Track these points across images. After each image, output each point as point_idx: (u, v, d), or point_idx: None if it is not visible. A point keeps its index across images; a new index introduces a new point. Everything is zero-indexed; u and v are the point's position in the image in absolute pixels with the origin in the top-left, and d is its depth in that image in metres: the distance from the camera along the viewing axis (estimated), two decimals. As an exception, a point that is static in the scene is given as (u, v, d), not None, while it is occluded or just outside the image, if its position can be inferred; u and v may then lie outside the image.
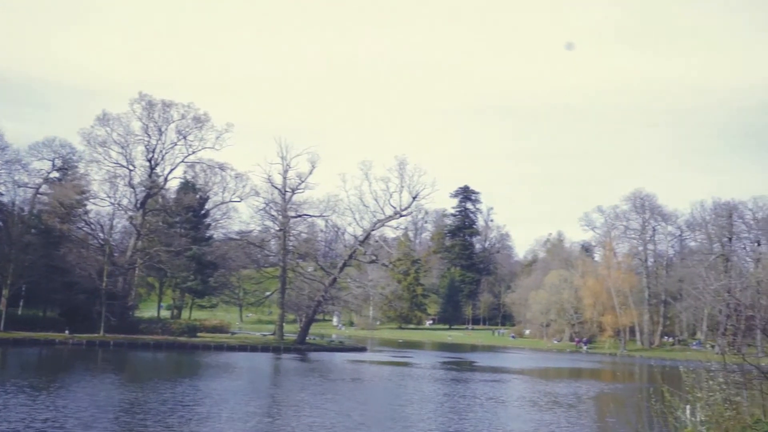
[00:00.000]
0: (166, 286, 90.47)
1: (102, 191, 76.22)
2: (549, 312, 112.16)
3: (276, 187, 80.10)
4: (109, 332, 65.79)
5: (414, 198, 79.18)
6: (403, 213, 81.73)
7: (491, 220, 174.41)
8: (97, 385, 36.60)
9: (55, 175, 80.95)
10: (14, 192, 76.85)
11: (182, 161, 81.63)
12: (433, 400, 37.03)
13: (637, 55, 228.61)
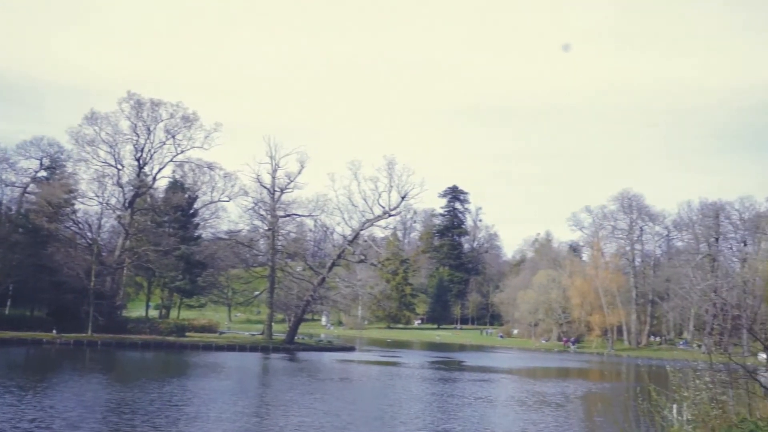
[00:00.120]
0: (155, 286, 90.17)
1: (90, 190, 76.10)
2: (537, 312, 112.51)
3: (265, 187, 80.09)
4: (96, 332, 65.51)
5: (403, 198, 79.31)
6: (392, 213, 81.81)
7: (480, 220, 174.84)
8: (85, 385, 36.51)
9: (43, 174, 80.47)
10: (1, 191, 76.89)
11: (171, 160, 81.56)
12: (422, 400, 37.09)
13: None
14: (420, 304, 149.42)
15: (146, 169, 79.92)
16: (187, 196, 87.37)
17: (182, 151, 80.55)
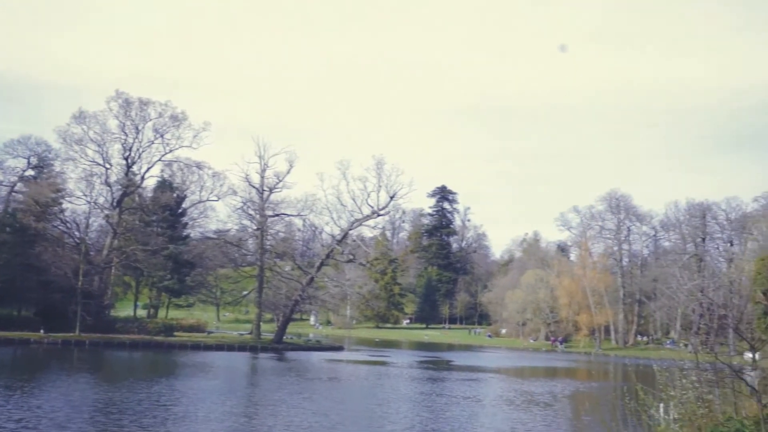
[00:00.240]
0: (143, 285, 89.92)
1: (78, 189, 75.78)
2: (525, 311, 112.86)
3: (254, 186, 79.98)
4: (84, 331, 65.21)
5: (391, 197, 79.36)
6: (381, 212, 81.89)
7: (468, 220, 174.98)
8: (72, 384, 36.35)
9: (31, 173, 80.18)
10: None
11: (159, 160, 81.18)
12: (410, 399, 37.14)
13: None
14: (408, 304, 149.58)
15: (134, 169, 79.76)
16: (175, 195, 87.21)
17: (171, 151, 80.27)
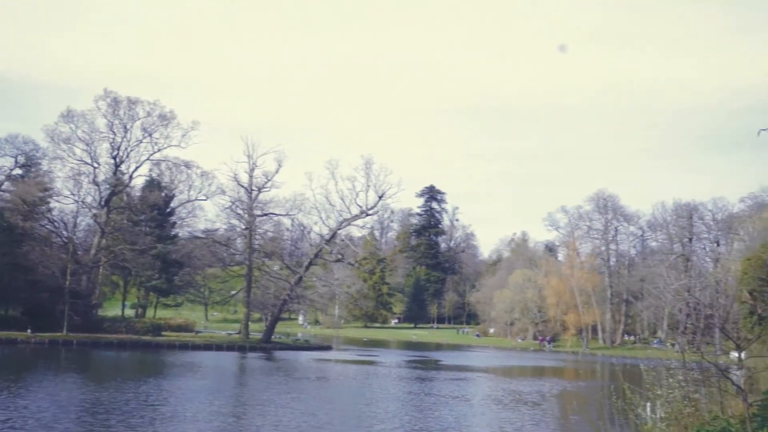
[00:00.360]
0: (131, 285, 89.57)
1: (66, 188, 75.56)
2: (513, 311, 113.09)
3: (242, 186, 79.89)
4: (72, 331, 64.85)
5: (380, 197, 79.54)
6: (369, 212, 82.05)
7: (456, 220, 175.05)
8: (60, 384, 36.23)
9: (18, 171, 79.64)
10: (-25, 189, 75.68)
11: (147, 159, 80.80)
12: (398, 399, 37.21)
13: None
14: (397, 304, 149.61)
15: (123, 168, 79.44)
16: (163, 194, 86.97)
17: (159, 150, 79.89)
